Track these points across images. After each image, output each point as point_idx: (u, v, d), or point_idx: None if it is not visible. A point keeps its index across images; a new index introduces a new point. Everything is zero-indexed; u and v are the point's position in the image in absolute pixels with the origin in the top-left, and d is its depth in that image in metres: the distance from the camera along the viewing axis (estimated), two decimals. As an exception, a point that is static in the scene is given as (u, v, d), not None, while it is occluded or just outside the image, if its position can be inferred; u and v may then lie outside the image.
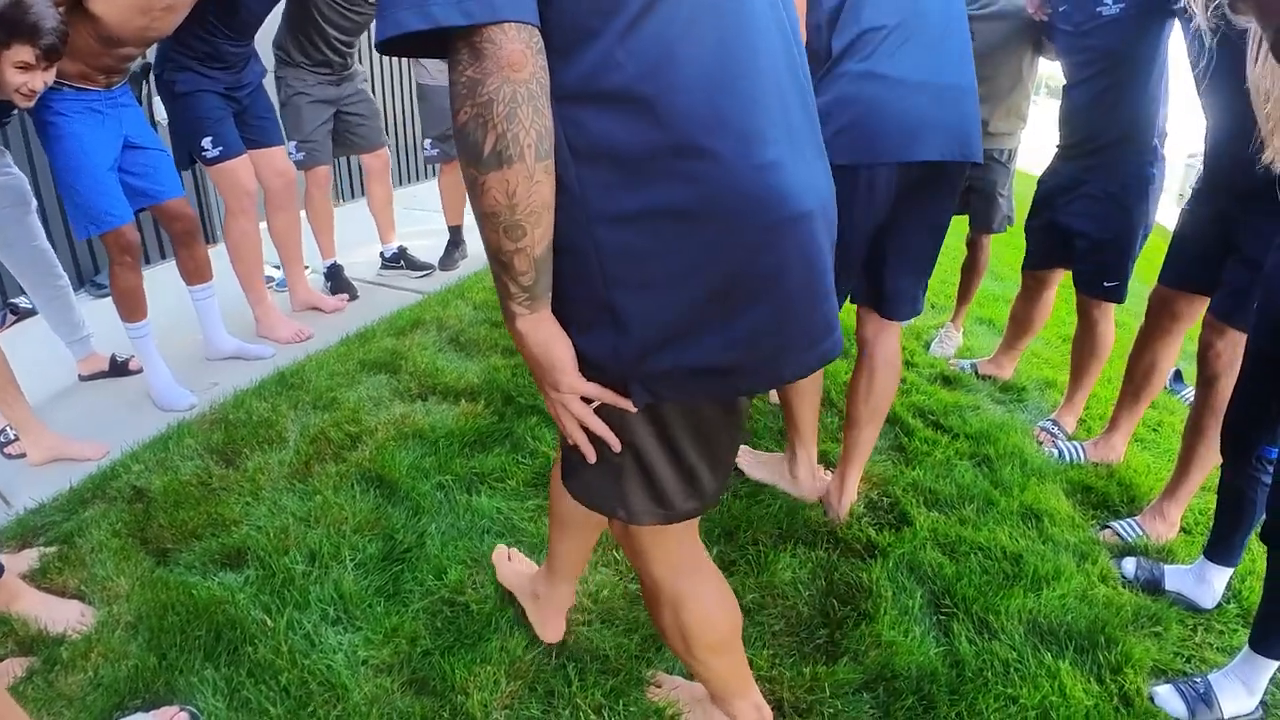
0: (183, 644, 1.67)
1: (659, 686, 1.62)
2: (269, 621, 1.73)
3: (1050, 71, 3.01)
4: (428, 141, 4.12)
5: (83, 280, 3.91)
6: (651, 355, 0.98)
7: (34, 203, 2.71)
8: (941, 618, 1.85)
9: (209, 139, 2.96)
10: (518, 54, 0.83)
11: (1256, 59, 1.63)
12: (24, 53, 2.01)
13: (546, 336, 0.99)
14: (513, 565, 1.89)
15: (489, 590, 1.84)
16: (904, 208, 1.86)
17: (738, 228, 0.94)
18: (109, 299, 3.65)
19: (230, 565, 1.92)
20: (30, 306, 3.41)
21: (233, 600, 1.78)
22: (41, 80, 2.09)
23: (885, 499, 2.27)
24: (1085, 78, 2.51)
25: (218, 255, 3.20)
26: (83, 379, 2.93)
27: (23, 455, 2.40)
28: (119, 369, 2.96)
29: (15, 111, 2.44)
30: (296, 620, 1.74)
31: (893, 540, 2.07)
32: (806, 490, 2.26)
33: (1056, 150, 2.72)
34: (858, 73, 1.74)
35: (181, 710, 1.52)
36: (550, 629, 1.72)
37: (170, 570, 1.89)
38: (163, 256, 4.22)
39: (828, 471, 2.38)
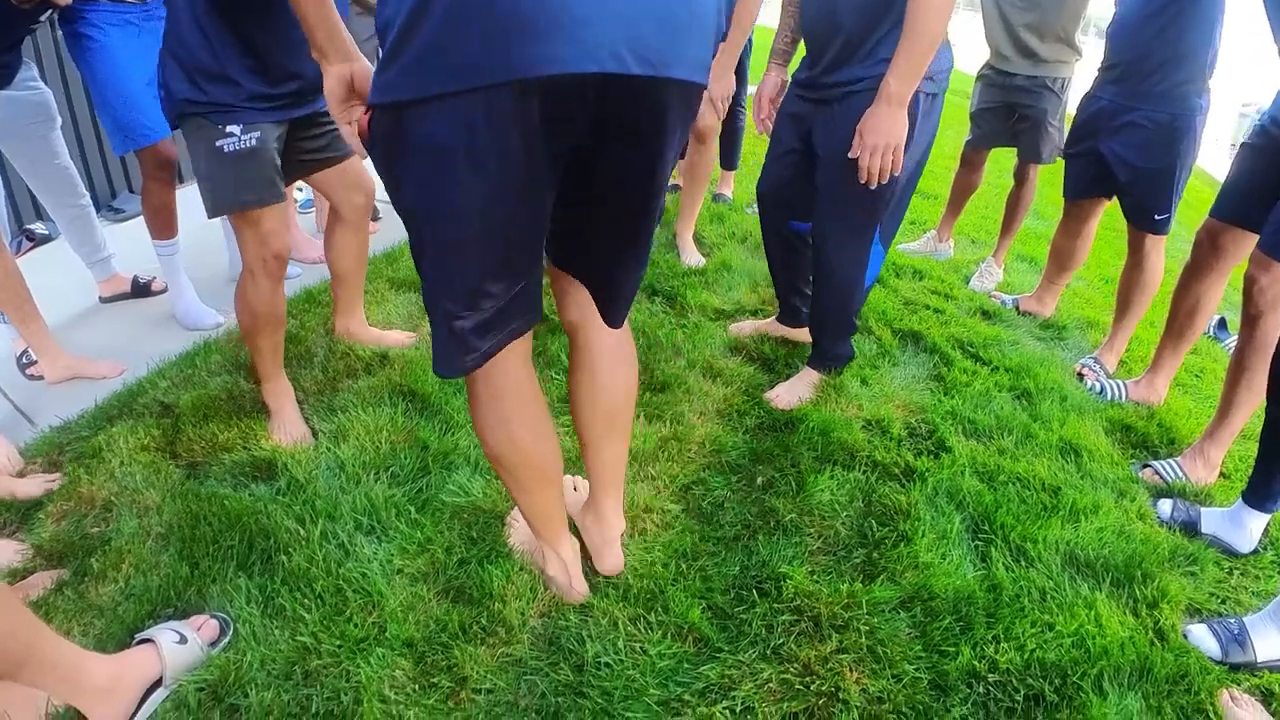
0: (215, 553, 1.69)
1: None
2: (302, 531, 1.74)
3: (1100, 13, 2.94)
4: None
5: (99, 205, 3.84)
6: None
7: (59, 120, 2.68)
8: (979, 543, 1.86)
9: None
10: None
11: None
12: None
13: None
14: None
15: None
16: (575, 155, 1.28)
17: None
18: (126, 223, 3.69)
19: (261, 477, 1.93)
20: (45, 232, 3.39)
21: (265, 511, 1.79)
22: None
23: (924, 425, 2.28)
24: (1142, 4, 2.48)
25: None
26: (103, 300, 2.92)
27: (42, 378, 2.41)
28: (141, 290, 2.96)
29: (44, 20, 2.39)
30: (330, 530, 1.75)
31: (931, 466, 2.08)
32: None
33: (1099, 72, 2.68)
34: None
35: (212, 618, 1.54)
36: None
37: (201, 482, 1.90)
38: (181, 180, 4.17)
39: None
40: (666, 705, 1.43)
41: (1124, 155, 2.59)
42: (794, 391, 2.35)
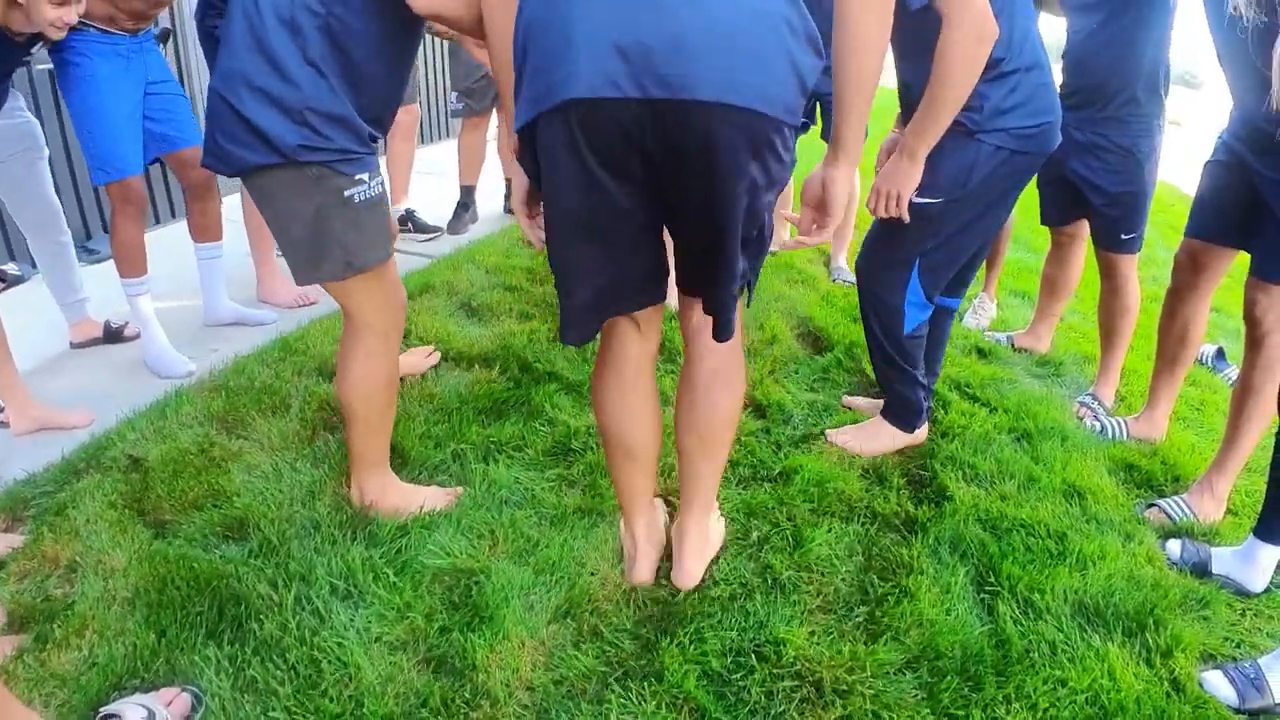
0: (184, 620, 1.64)
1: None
2: (275, 596, 1.70)
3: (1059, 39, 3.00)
4: (453, 95, 4.09)
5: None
6: None
7: (46, 150, 2.71)
8: (985, 596, 1.83)
9: None
10: None
11: None
12: None
13: None
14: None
15: (506, 564, 1.81)
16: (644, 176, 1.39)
17: None
18: (100, 265, 3.67)
19: (232, 537, 1.89)
20: (19, 274, 3.38)
21: (236, 574, 1.75)
22: (75, 12, 2.10)
23: (923, 473, 2.25)
24: (1089, 22, 2.55)
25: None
26: (74, 346, 2.89)
27: (6, 425, 2.37)
28: (114, 335, 2.93)
29: (35, 53, 2.41)
30: (304, 595, 1.70)
31: (933, 515, 2.04)
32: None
33: (1059, 100, 2.70)
34: None
35: (183, 691, 1.49)
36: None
37: (169, 543, 1.85)
38: (157, 220, 4.16)
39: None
40: (664, 784, 1.38)
41: (1092, 179, 2.65)
42: (858, 438, 2.34)
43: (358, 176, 1.69)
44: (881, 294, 2.20)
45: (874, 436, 2.35)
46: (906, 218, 1.95)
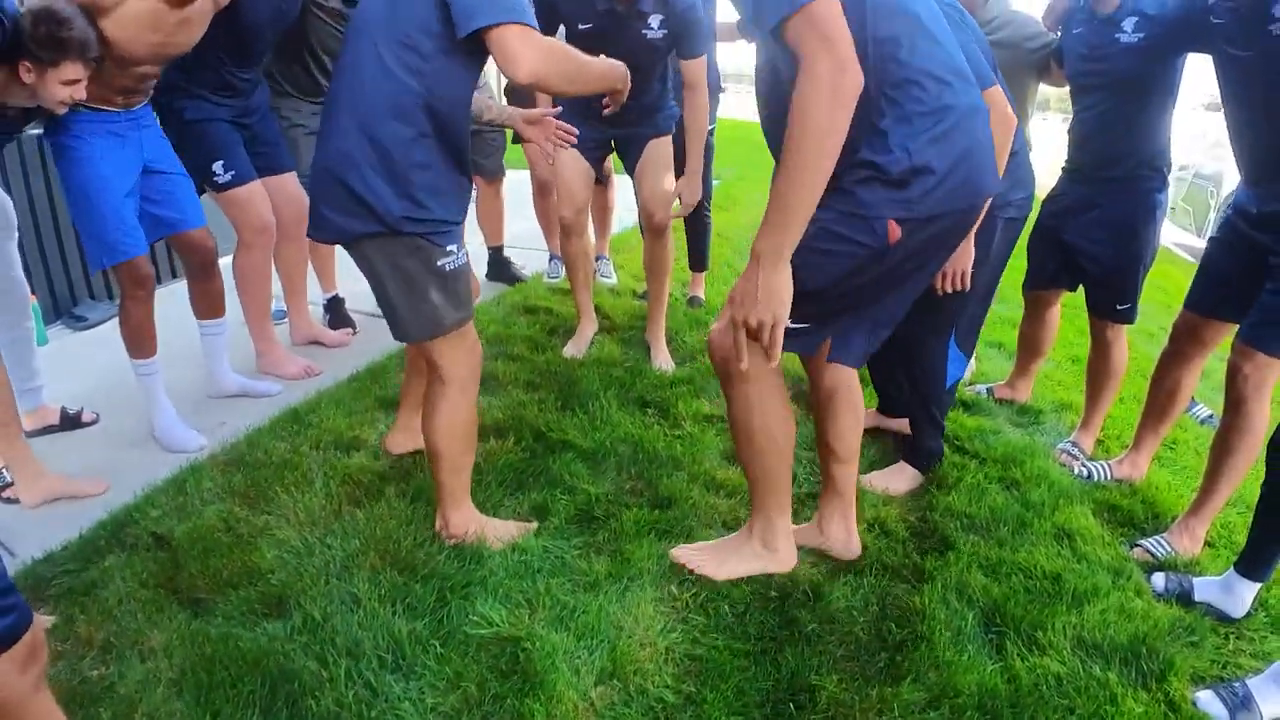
0: (236, 700, 1.67)
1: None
2: (325, 672, 1.75)
3: (1060, 92, 3.18)
4: None
5: (60, 312, 3.87)
6: None
7: (16, 229, 2.67)
8: (993, 637, 2.00)
9: (220, 163, 2.97)
10: None
11: None
12: (74, 70, 2.04)
13: None
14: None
15: (547, 630, 1.91)
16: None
17: None
18: (88, 332, 3.69)
19: (272, 614, 1.94)
20: None
21: (283, 651, 1.79)
22: (83, 89, 2.13)
23: (924, 524, 2.43)
24: (1096, 104, 2.69)
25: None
26: (29, 434, 2.71)
27: (17, 501, 2.36)
28: (70, 422, 2.88)
29: (17, 135, 2.43)
30: (354, 670, 1.76)
31: (938, 564, 2.22)
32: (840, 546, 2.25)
33: (1064, 171, 2.90)
34: (948, 106, 1.71)
35: None
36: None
37: (208, 622, 1.90)
38: (159, 281, 4.21)
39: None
40: (724, 829, 1.50)
41: (1090, 250, 2.79)
42: (886, 479, 2.66)
43: (449, 248, 1.95)
44: (928, 359, 2.58)
45: (902, 477, 2.67)
46: (969, 287, 2.42)
